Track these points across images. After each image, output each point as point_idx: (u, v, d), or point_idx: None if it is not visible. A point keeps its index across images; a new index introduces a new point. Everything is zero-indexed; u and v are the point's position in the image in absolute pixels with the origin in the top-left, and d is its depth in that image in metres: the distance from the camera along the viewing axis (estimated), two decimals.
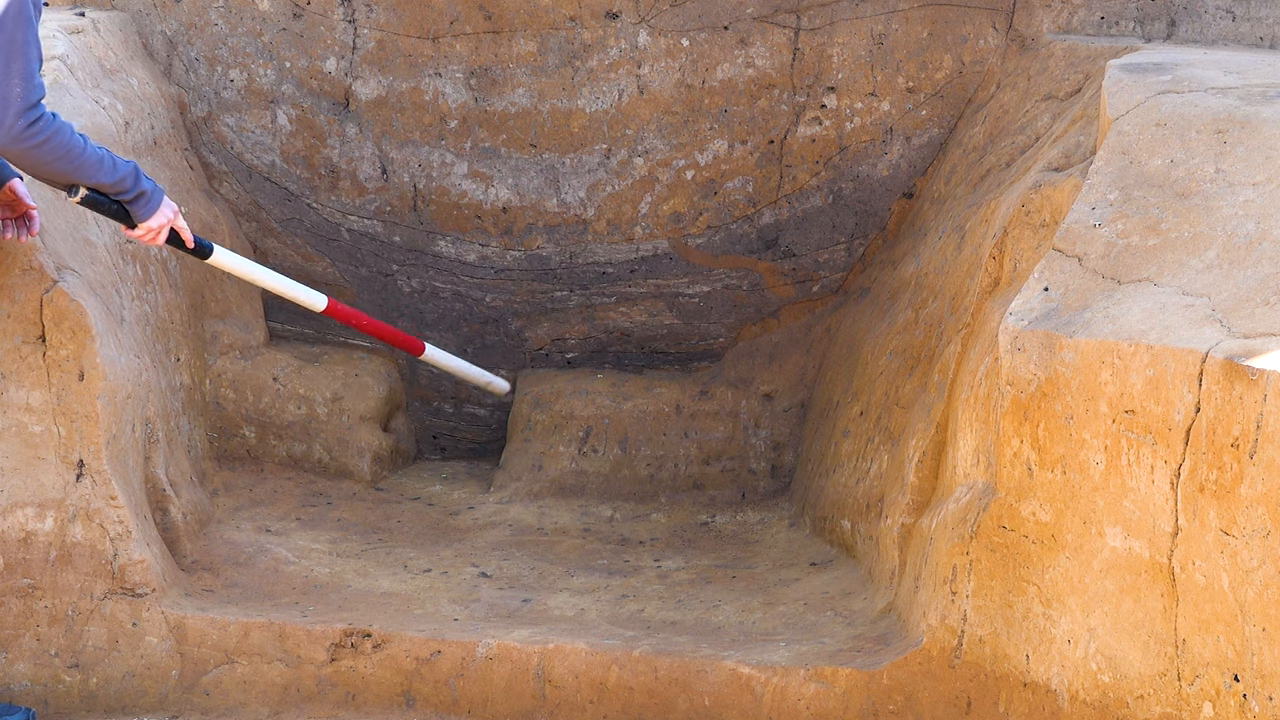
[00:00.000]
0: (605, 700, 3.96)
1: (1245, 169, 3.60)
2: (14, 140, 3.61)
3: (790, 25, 4.89)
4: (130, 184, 3.86)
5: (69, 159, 3.71)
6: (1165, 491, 3.27)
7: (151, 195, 3.93)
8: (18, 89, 3.58)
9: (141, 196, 3.91)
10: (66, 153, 3.70)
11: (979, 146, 4.70)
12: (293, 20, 5.03)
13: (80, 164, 3.74)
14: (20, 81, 3.58)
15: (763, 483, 4.97)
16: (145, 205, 3.93)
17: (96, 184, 3.81)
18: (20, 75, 3.58)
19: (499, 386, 5.06)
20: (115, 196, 3.87)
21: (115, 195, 3.87)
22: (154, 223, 3.96)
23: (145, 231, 3.96)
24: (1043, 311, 3.55)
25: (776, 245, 5.04)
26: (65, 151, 3.70)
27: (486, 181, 5.09)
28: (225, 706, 4.06)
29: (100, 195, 3.85)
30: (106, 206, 3.89)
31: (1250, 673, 3.13)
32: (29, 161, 3.68)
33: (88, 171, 3.77)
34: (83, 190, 3.81)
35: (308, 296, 4.51)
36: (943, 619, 3.75)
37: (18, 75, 3.58)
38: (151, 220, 3.95)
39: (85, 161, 3.75)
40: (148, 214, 3.94)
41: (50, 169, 3.72)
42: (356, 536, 4.67)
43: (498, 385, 5.05)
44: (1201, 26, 4.69)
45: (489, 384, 5.03)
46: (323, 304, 4.53)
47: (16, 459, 4.01)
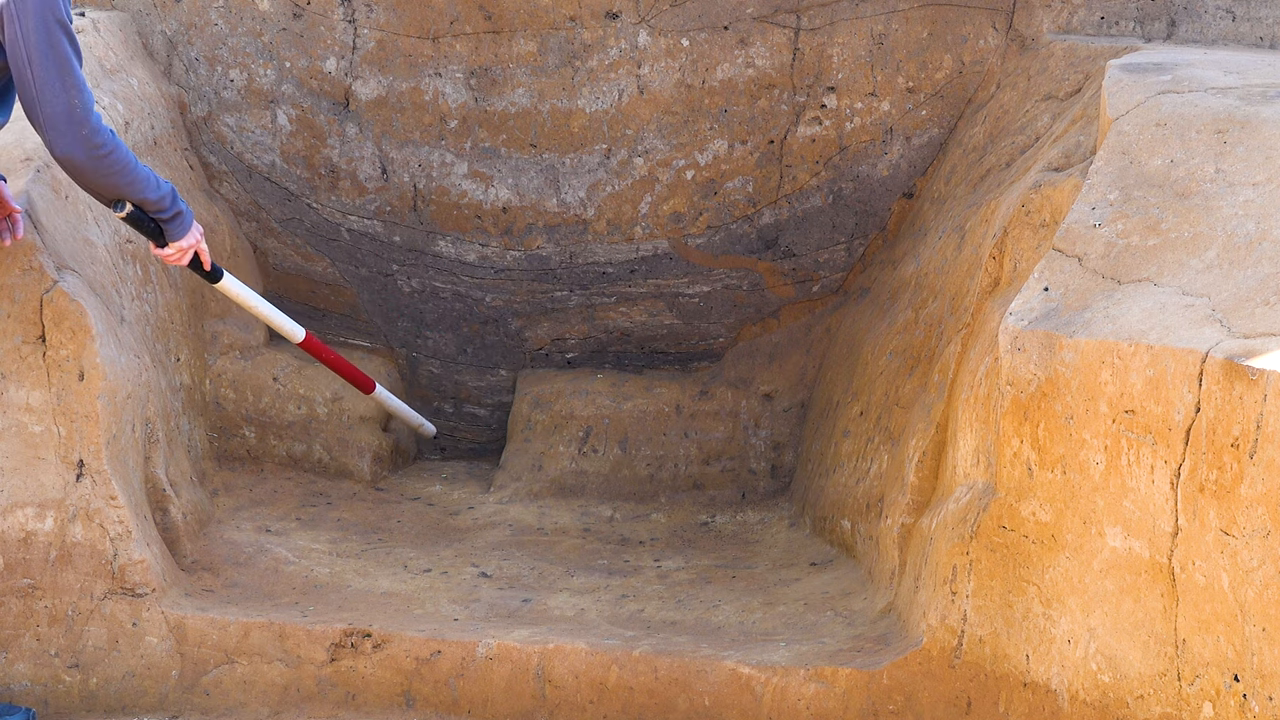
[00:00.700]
0: (605, 700, 3.96)
1: (1245, 169, 3.60)
2: (79, 147, 3.64)
3: (790, 25, 4.89)
4: (169, 203, 3.91)
5: (125, 173, 3.75)
6: (1165, 491, 3.27)
7: (185, 216, 3.98)
8: (77, 100, 3.62)
9: (178, 217, 3.95)
10: (124, 166, 3.74)
11: (979, 146, 4.70)
12: (293, 20, 5.03)
13: (133, 179, 3.78)
14: (78, 93, 3.62)
15: (763, 483, 4.97)
16: (180, 226, 3.97)
17: (143, 200, 3.85)
18: (76, 86, 3.62)
19: (427, 430, 5.12)
20: (154, 214, 3.91)
21: (154, 213, 3.91)
22: (184, 243, 4.00)
23: (174, 251, 4.00)
24: (1043, 311, 3.55)
25: (776, 245, 5.04)
26: (123, 165, 3.73)
27: (486, 181, 5.09)
28: (225, 706, 4.06)
29: (140, 213, 3.89)
30: (145, 224, 3.92)
31: (1250, 673, 3.13)
32: (91, 173, 3.70)
33: (138, 188, 3.80)
34: (129, 206, 3.84)
35: (290, 328, 4.56)
36: (943, 619, 3.75)
37: (74, 86, 3.62)
38: (183, 241, 3.99)
39: (137, 177, 3.79)
40: (180, 234, 3.98)
41: (107, 182, 3.74)
42: (356, 536, 4.67)
43: (427, 429, 5.12)
44: (1201, 26, 4.69)
45: (420, 426, 5.09)
46: (301, 336, 4.59)
47: (16, 459, 4.01)
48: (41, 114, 3.62)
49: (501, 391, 5.25)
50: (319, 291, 5.21)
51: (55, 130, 3.62)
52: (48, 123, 3.62)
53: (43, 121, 3.63)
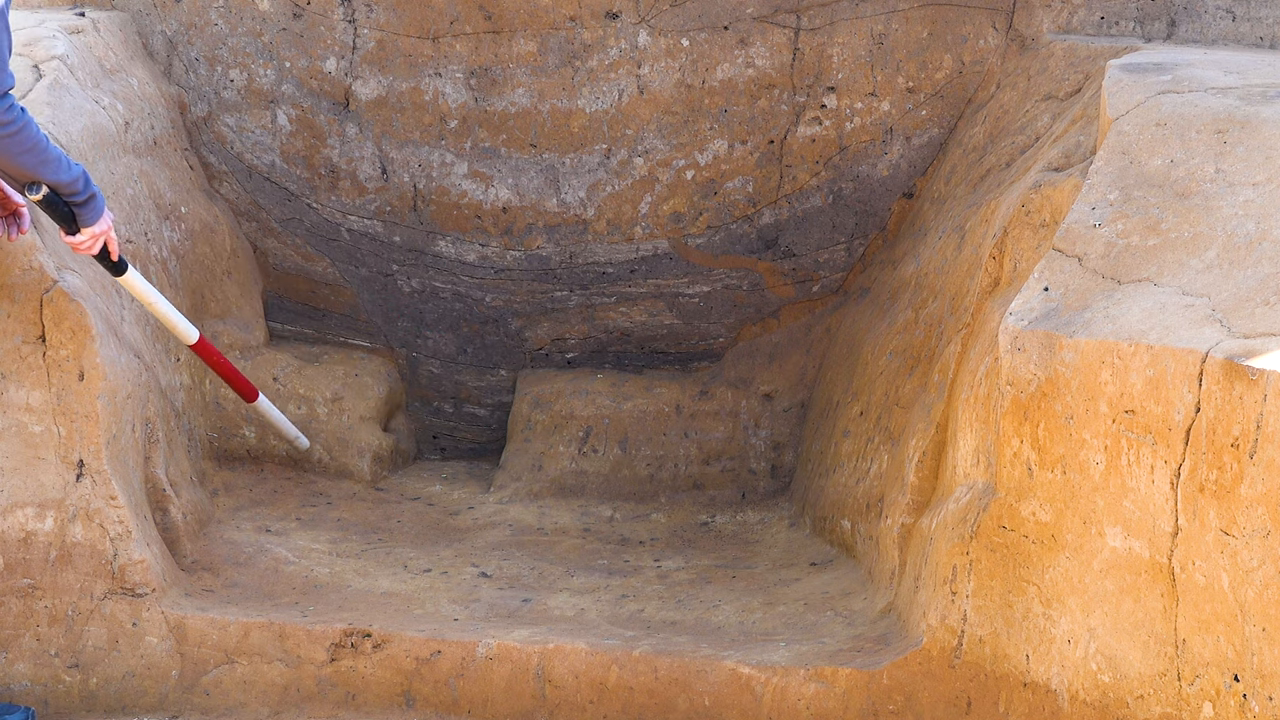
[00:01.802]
0: (605, 700, 3.96)
1: (1245, 169, 3.60)
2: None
3: (790, 25, 4.89)
4: (81, 186, 3.79)
5: (36, 152, 3.65)
6: (1165, 491, 3.27)
7: (98, 200, 3.86)
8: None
9: (91, 200, 3.83)
10: (34, 145, 3.64)
11: (979, 146, 4.70)
12: (293, 20, 5.03)
13: (45, 159, 3.68)
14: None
15: (763, 483, 4.97)
16: (92, 210, 3.85)
17: (56, 182, 3.74)
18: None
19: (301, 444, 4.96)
20: (67, 198, 3.80)
21: (67, 196, 3.79)
22: (98, 228, 3.88)
23: (88, 237, 3.88)
24: (1043, 311, 3.55)
25: (776, 245, 5.04)
26: (32, 144, 3.64)
27: (486, 181, 5.09)
28: (225, 706, 4.05)
29: (55, 196, 3.78)
30: (59, 208, 3.81)
31: (1250, 673, 3.13)
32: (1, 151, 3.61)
33: (49, 168, 3.70)
34: (44, 188, 3.73)
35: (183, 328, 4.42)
36: (943, 619, 3.75)
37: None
38: (95, 226, 3.87)
39: (48, 158, 3.68)
40: (93, 219, 3.86)
41: (17, 162, 3.65)
42: (356, 536, 4.67)
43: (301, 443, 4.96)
44: (1201, 26, 4.69)
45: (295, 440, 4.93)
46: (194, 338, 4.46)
47: (16, 459, 4.01)
48: None
49: (501, 391, 5.25)
50: (319, 291, 5.21)
51: None
52: None
53: None
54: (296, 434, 4.92)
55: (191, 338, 4.44)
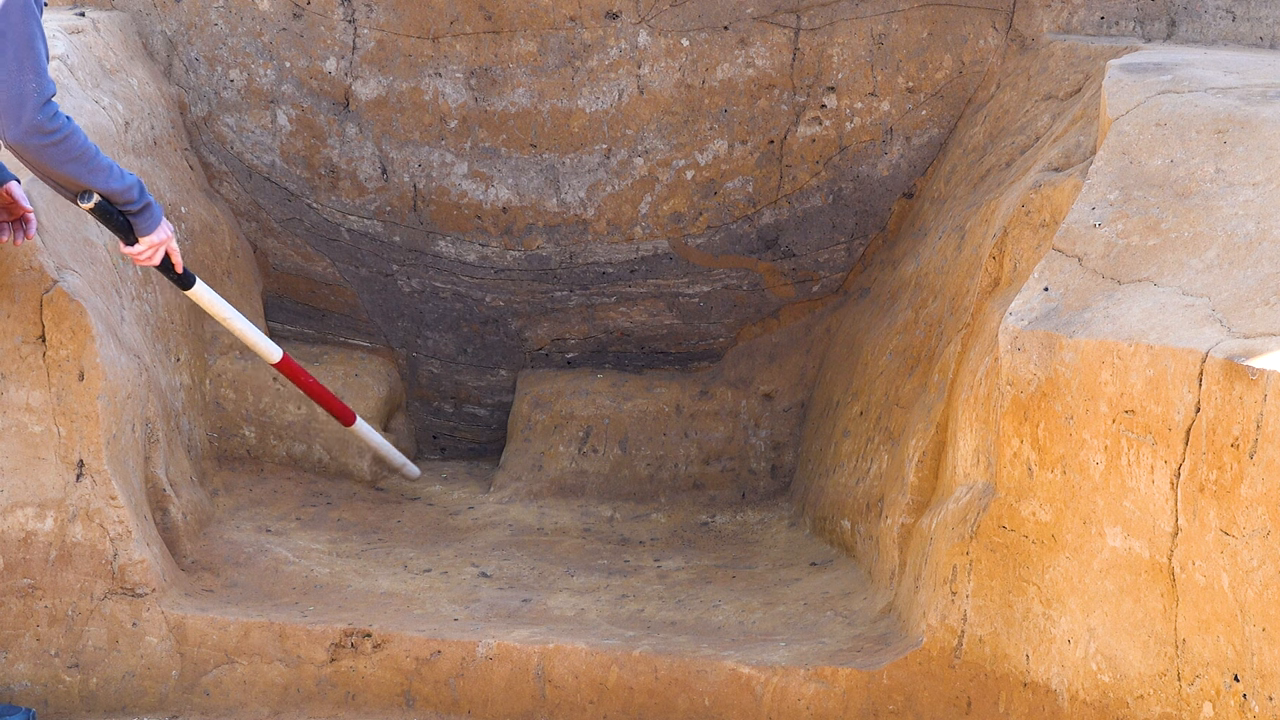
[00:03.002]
0: (605, 700, 3.96)
1: (1245, 169, 3.60)
2: (31, 134, 3.56)
3: (790, 25, 4.89)
4: (136, 195, 3.82)
5: (81, 161, 3.67)
6: (1165, 491, 3.27)
7: (154, 209, 3.90)
8: (32, 84, 3.54)
9: (146, 209, 3.87)
10: (80, 154, 3.66)
11: (979, 146, 4.70)
12: (293, 20, 5.03)
13: (92, 168, 3.70)
14: (34, 76, 3.54)
15: (763, 483, 4.97)
16: (148, 219, 3.89)
17: (106, 191, 3.76)
18: (33, 70, 3.54)
19: (410, 472, 4.98)
20: (121, 207, 3.83)
21: (122, 205, 3.83)
22: (155, 238, 3.92)
23: (146, 247, 3.92)
24: (1043, 311, 3.55)
25: (776, 245, 5.04)
26: (79, 153, 3.65)
27: (486, 181, 5.09)
28: (225, 706, 4.06)
29: (108, 205, 3.82)
30: (113, 217, 3.84)
31: (1250, 673, 3.13)
32: (43, 161, 3.62)
33: (99, 177, 3.72)
34: (95, 196, 3.75)
35: (265, 347, 4.42)
36: (943, 619, 3.75)
37: (30, 70, 3.54)
38: (153, 235, 3.91)
39: (97, 166, 3.70)
40: (150, 228, 3.90)
41: (63, 171, 3.66)
42: (356, 536, 4.67)
43: (409, 470, 4.97)
44: (1201, 26, 4.69)
45: (402, 467, 4.94)
46: (277, 357, 4.46)
47: (16, 459, 4.01)
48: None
49: (501, 391, 5.25)
50: (319, 292, 5.21)
51: (7, 116, 3.54)
52: (3, 108, 3.54)
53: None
54: (404, 460, 4.90)
55: (274, 356, 4.43)
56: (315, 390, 4.58)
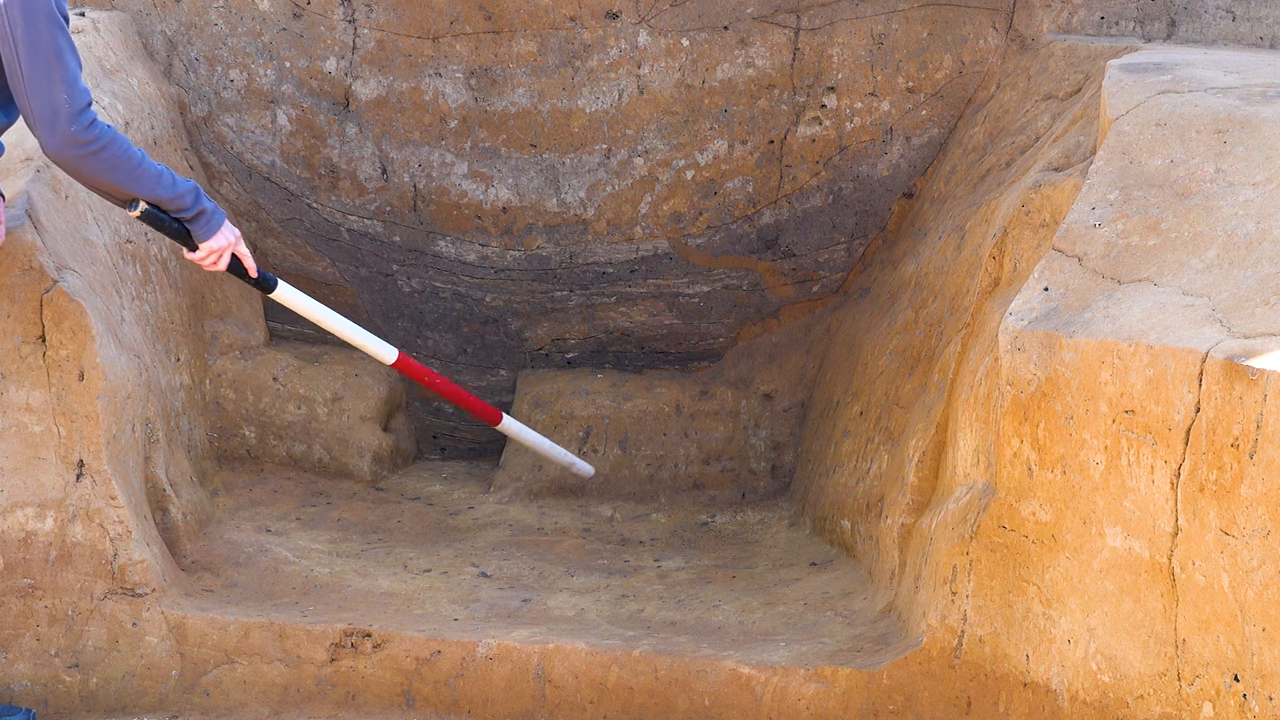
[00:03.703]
0: (605, 700, 3.96)
1: (1245, 169, 3.60)
2: (68, 145, 3.57)
3: (790, 25, 4.89)
4: (190, 201, 3.81)
5: (124, 170, 3.66)
6: (1165, 491, 3.27)
7: (212, 215, 3.87)
8: (63, 95, 3.54)
9: (201, 215, 3.85)
10: (122, 163, 3.65)
11: (979, 146, 4.70)
12: (293, 20, 5.03)
13: (136, 176, 3.69)
14: (65, 88, 3.54)
15: (763, 483, 4.97)
16: (205, 225, 3.87)
17: (155, 198, 3.75)
18: (64, 82, 3.54)
19: (582, 470, 4.82)
20: (175, 214, 3.82)
21: (174, 212, 3.81)
22: (215, 244, 3.89)
23: (207, 253, 3.90)
24: (1043, 311, 3.55)
25: (776, 245, 5.04)
26: (121, 162, 3.65)
27: (486, 181, 5.09)
28: (225, 706, 4.06)
29: (160, 212, 3.80)
30: (167, 225, 3.83)
31: (1250, 673, 3.13)
32: (83, 171, 3.63)
33: (145, 184, 3.71)
34: (142, 204, 3.74)
35: (378, 348, 4.30)
36: (943, 619, 3.75)
37: (61, 82, 3.54)
38: (212, 241, 3.89)
39: (142, 174, 3.70)
40: (208, 234, 3.88)
41: (106, 180, 3.67)
42: (356, 536, 4.67)
43: (581, 468, 4.81)
44: (1201, 26, 4.69)
45: (571, 465, 4.79)
46: (392, 357, 4.34)
47: (16, 459, 4.01)
48: (31, 112, 3.56)
49: (501, 391, 5.25)
50: (319, 292, 5.21)
51: (43, 128, 3.56)
52: (38, 121, 3.56)
53: (34, 119, 3.57)
54: (571, 459, 4.78)
55: (389, 357, 4.33)
56: (447, 390, 4.46)
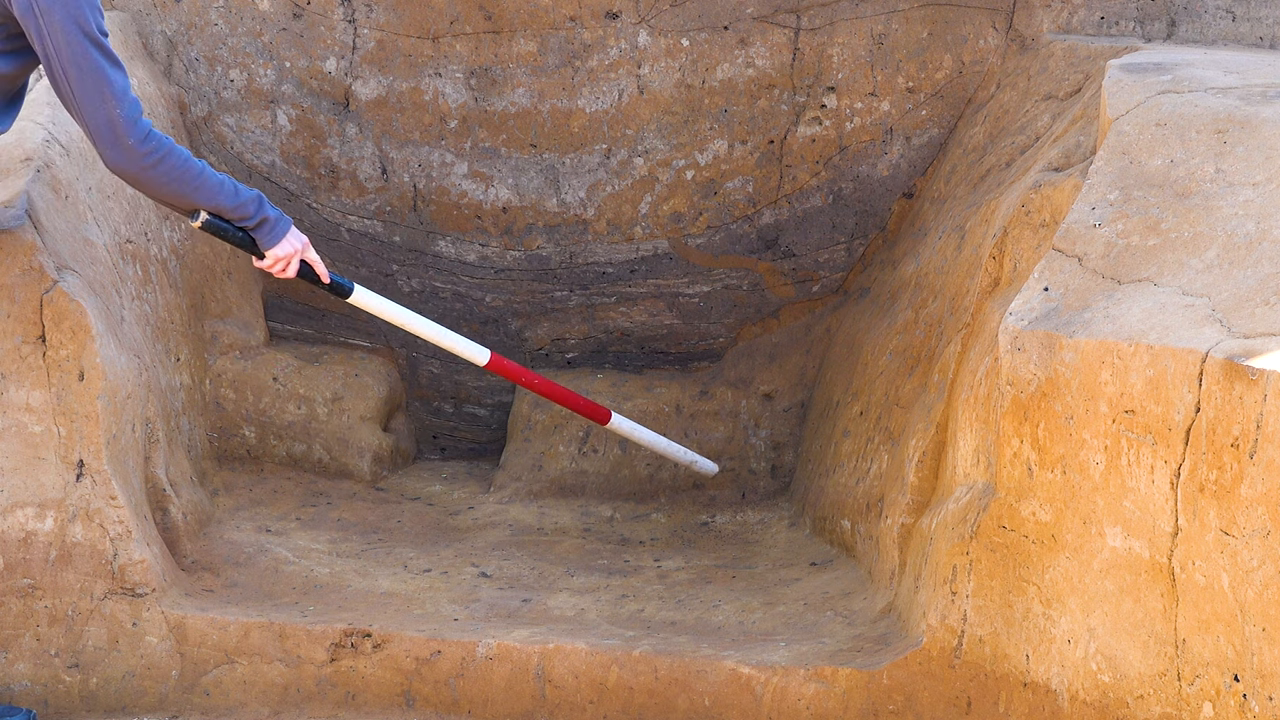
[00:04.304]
0: (605, 700, 3.96)
1: (1245, 169, 3.60)
2: (131, 160, 3.59)
3: (790, 25, 4.89)
4: (253, 210, 3.80)
5: (185, 180, 3.67)
6: (1165, 491, 3.27)
7: (277, 223, 3.87)
8: (117, 111, 3.55)
9: (265, 223, 3.84)
10: (183, 173, 3.66)
11: (979, 146, 4.70)
12: (293, 20, 5.03)
13: (198, 186, 3.69)
14: (116, 102, 3.55)
15: (763, 483, 4.97)
16: (270, 233, 3.86)
17: (217, 207, 3.75)
18: (113, 96, 3.55)
19: (705, 467, 4.74)
20: (238, 223, 3.82)
21: (238, 221, 3.81)
22: (281, 250, 3.88)
23: (274, 261, 3.89)
24: (1043, 311, 3.55)
25: (776, 245, 5.04)
26: (181, 172, 3.66)
27: (486, 181, 5.09)
28: (225, 706, 4.06)
29: (223, 221, 3.80)
30: (231, 234, 3.82)
31: (1250, 673, 3.13)
32: (146, 183, 3.65)
33: (206, 194, 3.72)
34: (204, 215, 3.75)
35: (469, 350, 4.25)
36: (943, 619, 3.75)
37: (110, 96, 3.55)
38: (278, 249, 3.88)
39: (203, 184, 3.70)
40: (273, 241, 3.87)
41: (168, 191, 3.68)
42: (356, 536, 4.67)
43: (703, 466, 4.74)
44: (1201, 26, 4.69)
45: (692, 464, 4.72)
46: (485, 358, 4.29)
47: (16, 459, 4.01)
48: (87, 129, 3.58)
49: (501, 391, 5.25)
50: (319, 291, 5.21)
51: (102, 143, 3.58)
52: (94, 137, 3.58)
53: (94, 136, 3.59)
54: (693, 456, 4.69)
55: (481, 358, 4.28)
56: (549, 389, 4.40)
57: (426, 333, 4.25)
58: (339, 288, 4.09)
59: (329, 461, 4.97)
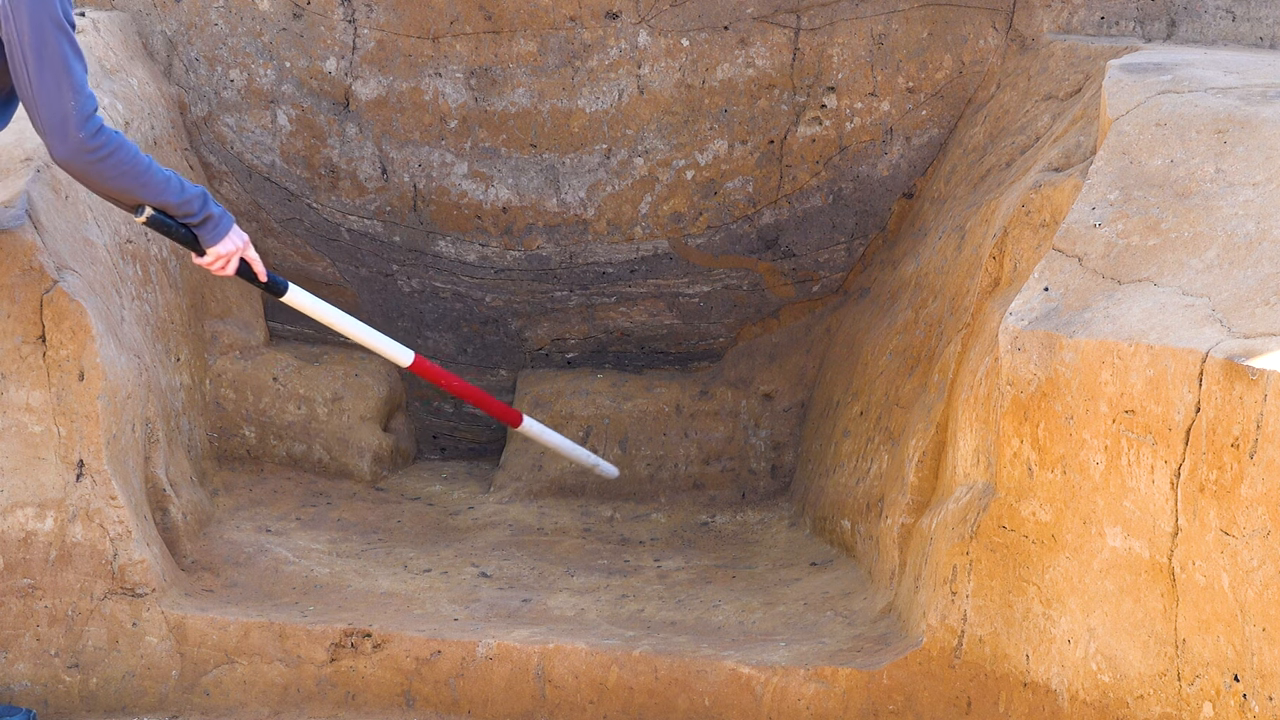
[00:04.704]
0: (605, 700, 3.96)
1: (1245, 169, 3.60)
2: (77, 152, 3.57)
3: (790, 25, 4.89)
4: (198, 206, 3.80)
5: (132, 175, 3.66)
6: (1165, 491, 3.27)
7: (220, 220, 3.87)
8: (71, 102, 3.54)
9: (209, 220, 3.84)
10: (130, 169, 3.65)
11: (979, 146, 4.70)
12: (293, 20, 5.03)
13: (144, 181, 3.69)
14: (73, 94, 3.54)
15: (763, 483, 4.97)
16: (214, 230, 3.86)
17: (162, 204, 3.75)
18: (71, 88, 3.54)
19: (606, 471, 4.80)
20: (182, 219, 3.81)
21: (181, 218, 3.81)
22: (223, 249, 3.88)
23: (215, 258, 3.89)
24: (1043, 311, 3.55)
25: (776, 245, 5.04)
26: (128, 167, 3.65)
27: (486, 181, 5.09)
28: (225, 706, 4.06)
29: (167, 217, 3.79)
30: (174, 230, 3.82)
31: (1250, 673, 3.13)
32: (93, 177, 3.64)
33: (153, 190, 3.71)
34: (149, 210, 3.74)
35: (394, 351, 4.28)
36: (943, 619, 3.75)
37: (69, 89, 3.54)
38: (220, 246, 3.88)
39: (149, 179, 3.70)
40: (215, 239, 3.87)
41: (114, 186, 3.67)
42: (356, 536, 4.67)
43: (605, 470, 4.79)
44: (1201, 26, 4.69)
45: (595, 467, 4.77)
46: (409, 360, 4.32)
47: (16, 459, 4.01)
48: (39, 118, 3.57)
49: (501, 391, 5.25)
50: (319, 292, 5.21)
51: (53, 135, 3.57)
52: (45, 127, 3.57)
53: (42, 126, 3.58)
54: (595, 460, 4.76)
55: (406, 360, 4.30)
56: (466, 391, 4.43)
57: (354, 333, 4.25)
58: (274, 286, 4.08)
59: (329, 461, 4.97)
